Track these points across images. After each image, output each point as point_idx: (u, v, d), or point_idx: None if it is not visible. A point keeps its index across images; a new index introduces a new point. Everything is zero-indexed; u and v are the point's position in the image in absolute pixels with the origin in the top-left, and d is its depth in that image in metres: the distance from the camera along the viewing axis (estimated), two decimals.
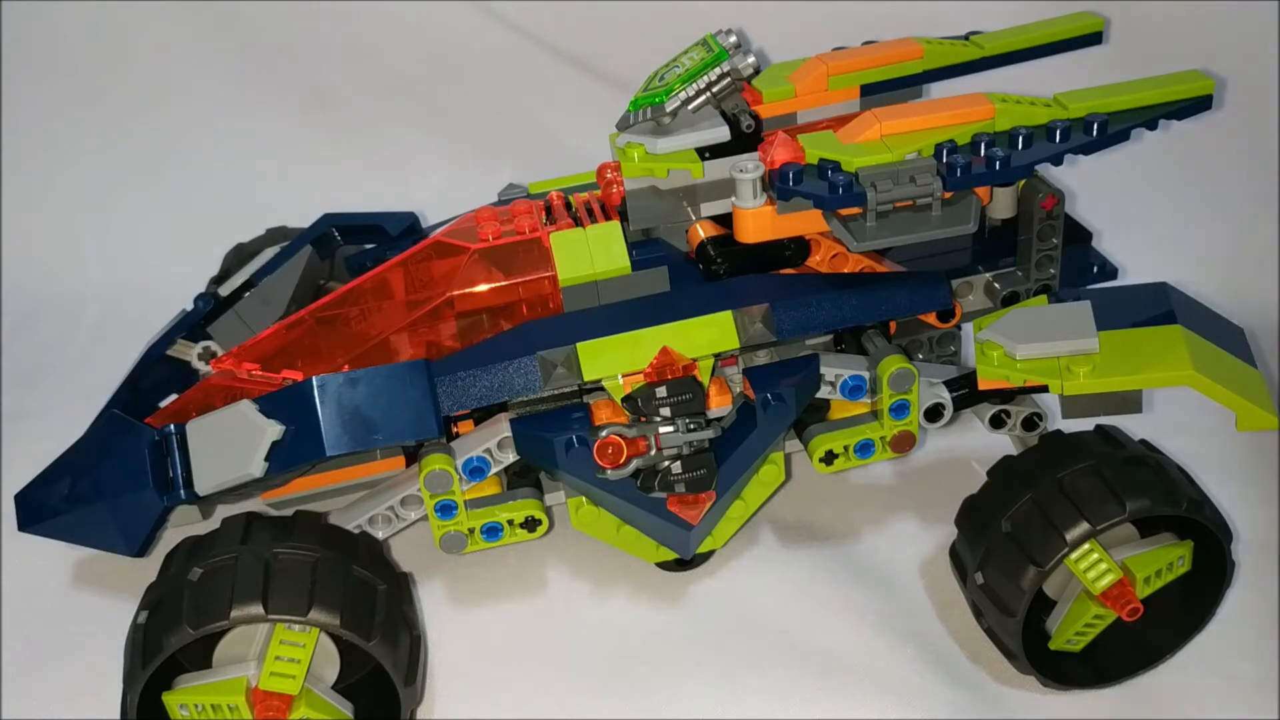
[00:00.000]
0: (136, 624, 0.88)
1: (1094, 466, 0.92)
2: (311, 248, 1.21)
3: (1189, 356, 0.94)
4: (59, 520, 0.99)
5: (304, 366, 1.02)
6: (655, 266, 1.02)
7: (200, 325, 1.15)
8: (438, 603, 1.08)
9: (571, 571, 1.10)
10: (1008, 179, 0.98)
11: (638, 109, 1.03)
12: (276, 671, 0.88)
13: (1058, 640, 0.97)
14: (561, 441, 0.95)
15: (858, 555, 1.11)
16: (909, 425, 1.03)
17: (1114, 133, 1.00)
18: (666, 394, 0.95)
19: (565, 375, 0.96)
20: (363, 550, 0.94)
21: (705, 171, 1.02)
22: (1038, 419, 1.07)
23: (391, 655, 0.88)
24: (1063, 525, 0.90)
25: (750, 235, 1.02)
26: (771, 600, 1.06)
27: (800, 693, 0.97)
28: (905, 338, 1.11)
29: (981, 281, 1.13)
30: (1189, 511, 0.91)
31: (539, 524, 1.01)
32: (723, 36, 1.04)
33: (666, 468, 0.97)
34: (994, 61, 1.14)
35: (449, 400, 0.95)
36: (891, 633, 1.02)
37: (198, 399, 1.02)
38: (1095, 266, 1.15)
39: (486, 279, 1.02)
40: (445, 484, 0.98)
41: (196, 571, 0.87)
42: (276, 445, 0.91)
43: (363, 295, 1.03)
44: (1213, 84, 1.02)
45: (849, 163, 0.96)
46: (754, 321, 0.97)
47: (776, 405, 0.98)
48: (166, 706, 0.89)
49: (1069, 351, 0.95)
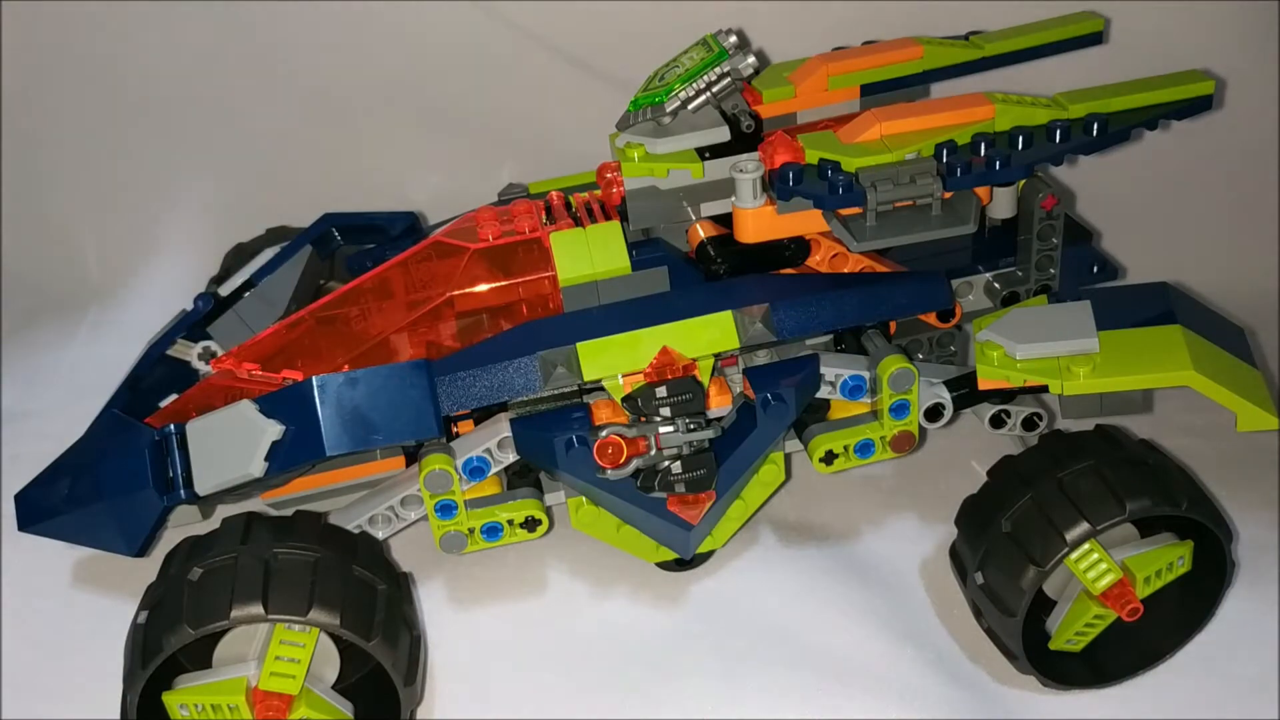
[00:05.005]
0: (136, 624, 0.88)
1: (1094, 466, 0.92)
2: (311, 248, 1.21)
3: (1189, 356, 0.94)
4: (59, 520, 0.99)
5: (304, 366, 1.02)
6: (655, 266, 1.02)
7: (200, 325, 1.15)
8: (438, 603, 1.08)
9: (571, 571, 1.10)
10: (1008, 179, 0.99)
11: (638, 109, 1.03)
12: (276, 671, 0.88)
13: (1058, 640, 0.97)
14: (561, 441, 0.95)
15: (858, 555, 1.11)
16: (909, 425, 1.03)
17: (1114, 133, 1.00)
18: (666, 394, 0.95)
19: (565, 375, 0.96)
20: (363, 550, 0.94)
21: (705, 171, 1.02)
22: (1038, 419, 1.07)
23: (391, 655, 0.88)
24: (1063, 525, 0.90)
25: (750, 235, 1.02)
26: (771, 600, 1.06)
27: (800, 692, 0.97)
28: (905, 338, 1.11)
29: (981, 281, 1.13)
30: (1189, 511, 0.91)
31: (539, 524, 1.02)
32: (723, 36, 1.04)
33: (666, 468, 0.97)
34: (994, 61, 1.14)
35: (449, 400, 0.95)
36: (891, 633, 1.02)
37: (198, 399, 1.02)
38: (1095, 266, 1.15)
39: (486, 279, 1.02)
40: (445, 484, 0.98)
41: (196, 571, 0.87)
42: (276, 445, 0.91)
43: (363, 295, 1.03)
44: (1213, 84, 1.03)
45: (849, 163, 0.96)
46: (754, 321, 0.97)
47: (776, 405, 0.98)
48: (166, 706, 0.89)
49: (1069, 351, 0.95)
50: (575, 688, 1.00)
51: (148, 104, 1.51)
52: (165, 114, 1.52)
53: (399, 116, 1.53)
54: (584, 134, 1.38)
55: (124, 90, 1.51)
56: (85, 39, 1.48)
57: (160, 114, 1.52)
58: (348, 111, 1.52)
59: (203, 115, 1.52)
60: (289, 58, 1.49)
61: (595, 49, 1.48)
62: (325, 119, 1.53)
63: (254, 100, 1.51)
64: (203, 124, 1.53)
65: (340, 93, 1.51)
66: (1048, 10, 1.19)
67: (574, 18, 1.47)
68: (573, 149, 1.42)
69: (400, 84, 1.50)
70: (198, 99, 1.51)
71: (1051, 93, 1.03)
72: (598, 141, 1.18)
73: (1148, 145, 1.47)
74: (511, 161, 1.54)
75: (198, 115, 1.52)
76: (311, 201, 1.35)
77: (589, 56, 1.49)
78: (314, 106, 1.52)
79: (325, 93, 1.51)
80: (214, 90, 1.51)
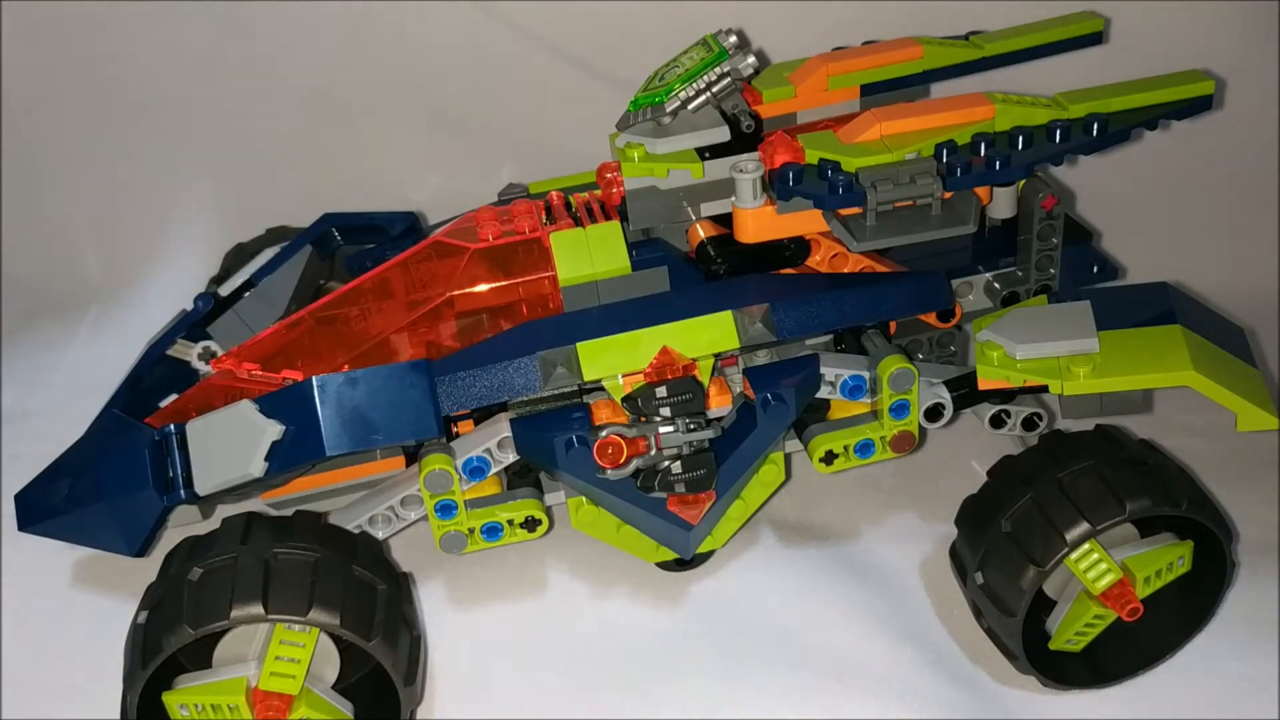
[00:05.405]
0: (136, 624, 0.88)
1: (1094, 466, 0.92)
2: (311, 248, 1.21)
3: (1189, 356, 0.94)
4: (59, 520, 0.99)
5: (304, 366, 1.02)
6: (655, 266, 1.02)
7: (200, 325, 1.15)
8: (438, 603, 1.08)
9: (571, 571, 1.10)
10: (1008, 179, 0.99)
11: (638, 109, 1.03)
12: (276, 671, 0.88)
13: (1058, 640, 0.97)
14: (561, 441, 0.95)
15: (858, 555, 1.11)
16: (909, 425, 1.03)
17: (1114, 133, 1.00)
18: (666, 394, 0.95)
19: (565, 375, 0.96)
20: (363, 550, 0.94)
21: (705, 171, 1.02)
22: (1038, 419, 1.07)
23: (391, 655, 0.88)
24: (1063, 525, 0.90)
25: (750, 235, 1.02)
26: (771, 600, 1.06)
27: (800, 692, 0.97)
28: (905, 338, 1.11)
29: (981, 281, 1.13)
30: (1189, 511, 0.91)
31: (539, 524, 1.01)
32: (723, 36, 1.04)
33: (666, 468, 0.97)
34: (994, 61, 1.14)
35: (449, 400, 0.95)
36: (891, 633, 1.02)
37: (198, 399, 1.02)
38: (1095, 266, 1.15)
39: (486, 279, 1.02)
40: (445, 484, 0.98)
41: (196, 571, 0.87)
42: (276, 445, 0.91)
43: (363, 295, 1.03)
44: (1213, 84, 1.03)
45: (849, 163, 0.96)
46: (754, 321, 0.97)
47: (776, 405, 0.98)
48: (166, 706, 0.89)
49: (1069, 351, 0.95)
50: (575, 688, 1.00)
51: (148, 104, 1.51)
52: (165, 114, 1.52)
53: (399, 116, 1.53)
54: (584, 134, 1.38)
55: (124, 90, 1.51)
56: (85, 39, 1.48)
57: (160, 114, 1.52)
58: (348, 111, 1.52)
59: (203, 115, 1.52)
60: (289, 58, 1.49)
61: (595, 49, 1.48)
62: (325, 119, 1.52)
63: (254, 100, 1.51)
64: (203, 124, 1.53)
65: (340, 93, 1.51)
66: (1048, 10, 1.19)
67: (574, 18, 1.47)
68: (573, 149, 1.42)
69: (400, 84, 1.50)
70: (198, 99, 1.51)
71: (1051, 93, 1.03)
72: (598, 141, 1.18)
73: (1148, 145, 1.47)
74: (511, 161, 1.54)
75: (198, 115, 1.52)
76: (311, 201, 1.35)
77: (589, 56, 1.49)
78: (314, 106, 1.52)
79: (325, 93, 1.51)
80: (214, 90, 1.51)
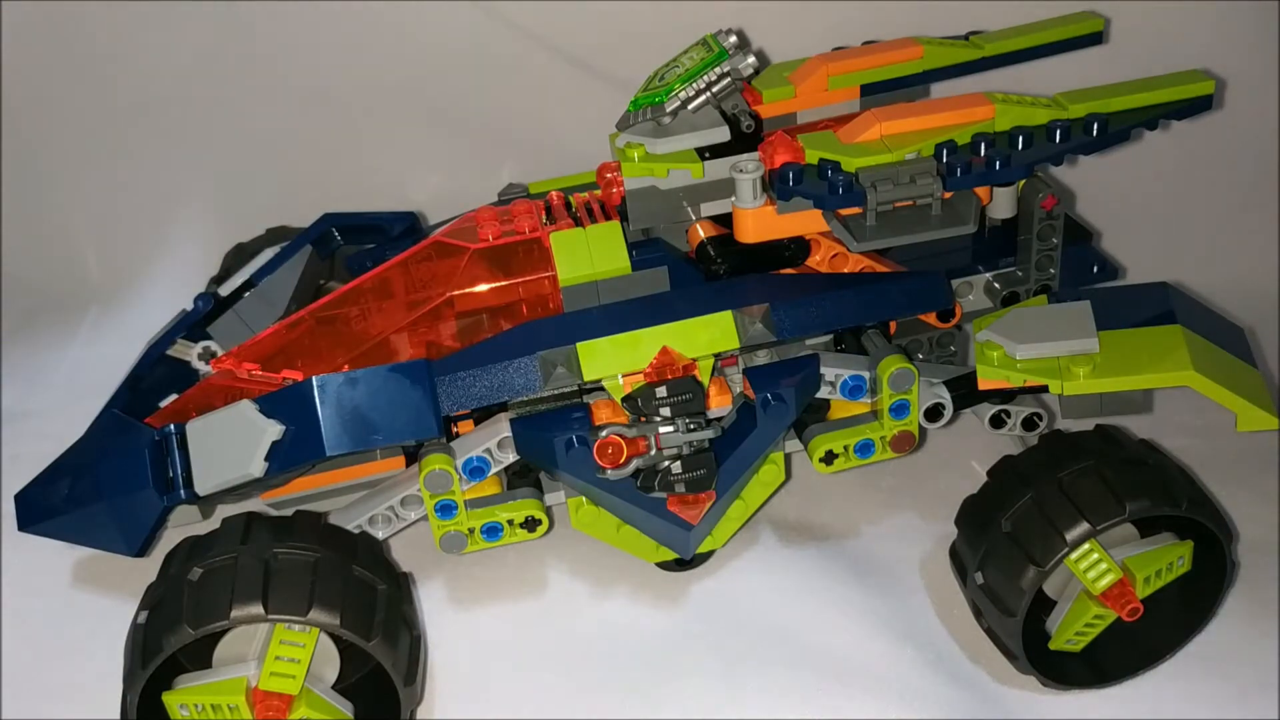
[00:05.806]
0: (136, 624, 0.88)
1: (1094, 466, 0.92)
2: (311, 248, 1.21)
3: (1189, 356, 0.94)
4: (59, 520, 0.99)
5: (304, 366, 1.02)
6: (655, 266, 1.02)
7: (200, 325, 1.15)
8: (438, 603, 1.08)
9: (571, 571, 1.10)
10: (1008, 179, 0.99)
11: (638, 109, 1.03)
12: (276, 671, 0.88)
13: (1058, 640, 0.97)
14: (561, 441, 0.95)
15: (858, 555, 1.11)
16: (909, 425, 1.03)
17: (1114, 133, 1.00)
18: (666, 394, 0.95)
19: (565, 375, 0.96)
20: (363, 550, 0.94)
21: (705, 171, 1.02)
22: (1038, 419, 1.07)
23: (391, 655, 0.88)
24: (1063, 525, 0.90)
25: (750, 235, 1.02)
26: (771, 600, 1.06)
27: (800, 692, 0.97)
28: (905, 338, 1.11)
29: (981, 281, 1.13)
30: (1189, 511, 0.91)
31: (539, 524, 1.01)
32: (723, 36, 1.04)
33: (666, 468, 0.97)
34: (994, 61, 1.14)
35: (449, 400, 0.95)
36: (891, 633, 1.02)
37: (198, 399, 1.02)
38: (1096, 266, 1.15)
39: (486, 279, 1.02)
40: (445, 484, 0.98)
41: (196, 571, 0.87)
42: (276, 445, 0.91)
43: (363, 295, 1.03)
44: (1213, 84, 1.03)
45: (849, 163, 0.96)
46: (754, 321, 0.97)
47: (776, 405, 0.98)
48: (166, 706, 0.89)
49: (1069, 351, 0.95)
50: (575, 688, 0.99)
51: (148, 104, 1.51)
52: (165, 114, 1.52)
53: (399, 116, 1.53)
54: (584, 134, 1.38)
55: (124, 90, 1.51)
56: (85, 39, 1.48)
57: (160, 114, 1.52)
58: (348, 111, 1.52)
59: (203, 115, 1.52)
60: (289, 58, 1.49)
61: (595, 49, 1.48)
62: (325, 119, 1.52)
63: (254, 100, 1.51)
64: (203, 124, 1.53)
65: (340, 93, 1.51)
66: (1048, 10, 1.19)
67: (574, 18, 1.47)
68: (573, 149, 1.42)
69: (400, 84, 1.50)
70: (198, 99, 1.51)
71: (1051, 93, 1.03)
72: (598, 141, 1.18)
73: (1148, 145, 1.47)
74: (511, 161, 1.54)
75: (198, 115, 1.52)
76: (311, 201, 1.35)
77: (589, 56, 1.49)
78: (314, 106, 1.52)
79: (325, 93, 1.51)
80: (214, 90, 1.51)
